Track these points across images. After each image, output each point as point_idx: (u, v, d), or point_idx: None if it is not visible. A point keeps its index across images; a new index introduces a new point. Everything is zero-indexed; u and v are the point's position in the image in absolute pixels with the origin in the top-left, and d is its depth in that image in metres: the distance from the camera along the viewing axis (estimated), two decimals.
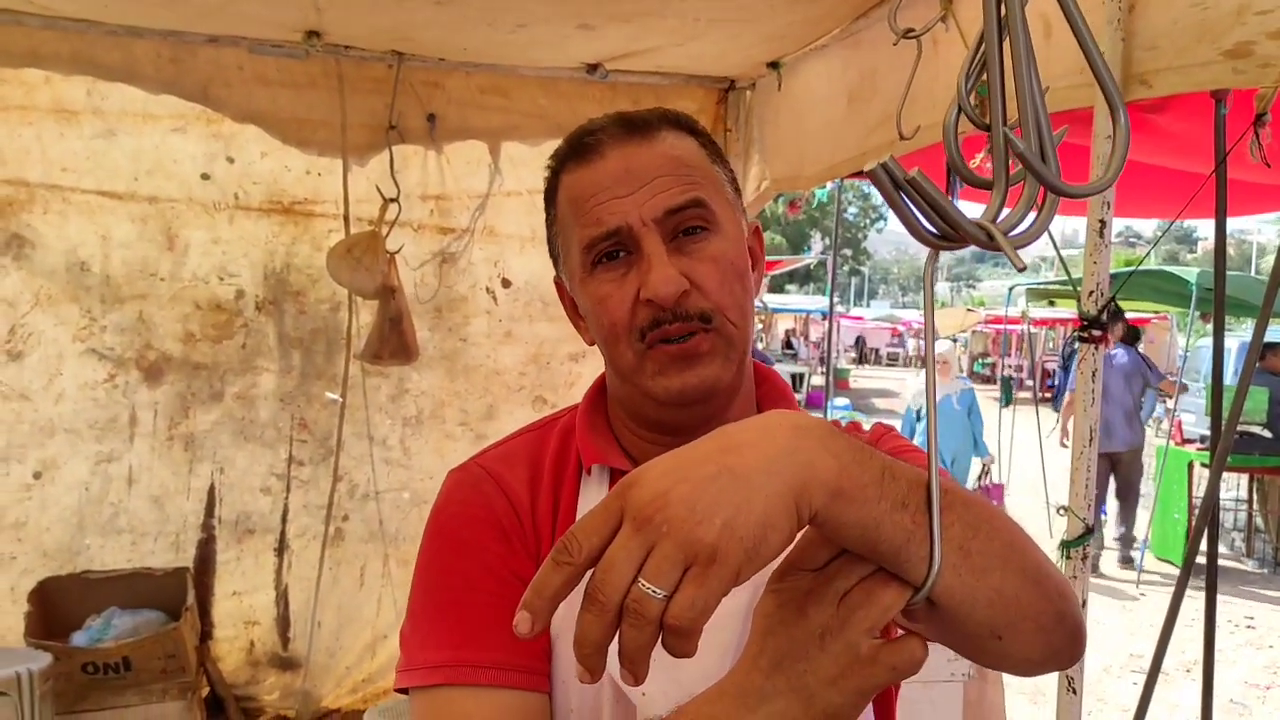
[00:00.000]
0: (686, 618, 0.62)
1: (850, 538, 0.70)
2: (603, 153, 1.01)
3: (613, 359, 1.02)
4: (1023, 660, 0.82)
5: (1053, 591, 0.81)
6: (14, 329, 3.30)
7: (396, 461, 3.79)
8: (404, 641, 0.99)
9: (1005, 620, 0.77)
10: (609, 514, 0.66)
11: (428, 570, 1.01)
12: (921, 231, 0.67)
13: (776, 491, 0.66)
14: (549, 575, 0.65)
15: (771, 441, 0.69)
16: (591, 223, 0.99)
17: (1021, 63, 0.67)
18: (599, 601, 0.63)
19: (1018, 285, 14.28)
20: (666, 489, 0.65)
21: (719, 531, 0.63)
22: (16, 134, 3.21)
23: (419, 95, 3.50)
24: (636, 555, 0.63)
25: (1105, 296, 2.00)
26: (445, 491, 1.06)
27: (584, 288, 1.02)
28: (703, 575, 0.62)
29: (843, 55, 3.09)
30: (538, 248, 3.75)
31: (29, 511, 3.38)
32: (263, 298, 3.57)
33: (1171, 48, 1.78)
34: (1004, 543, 0.77)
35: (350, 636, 3.79)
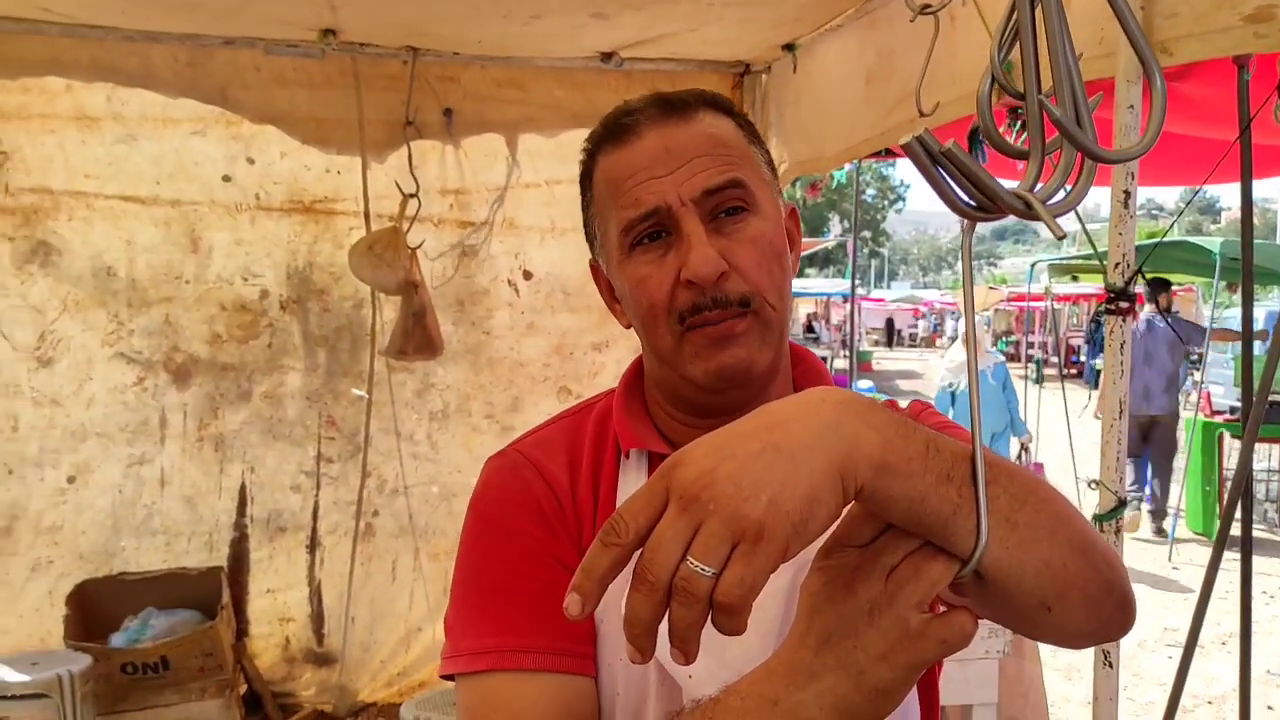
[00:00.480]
0: (736, 594, 0.62)
1: (896, 512, 0.70)
2: (640, 133, 1.00)
3: (651, 341, 1.02)
4: (1074, 632, 0.82)
5: (1100, 561, 0.81)
6: (43, 335, 3.33)
7: (424, 456, 3.81)
8: (448, 629, 1.00)
9: (1054, 591, 0.76)
10: (655, 494, 0.66)
11: (470, 557, 1.01)
12: (958, 204, 0.67)
13: (821, 467, 0.66)
14: (597, 557, 0.65)
15: (815, 417, 0.69)
16: (630, 204, 0.99)
17: (1055, 30, 0.66)
18: (648, 581, 0.63)
19: (1040, 261, 14.18)
20: (712, 467, 0.65)
21: (765, 508, 0.63)
22: (39, 142, 3.24)
23: (435, 90, 3.51)
24: (684, 534, 0.63)
25: (1131, 268, 1.98)
26: (485, 478, 1.06)
27: (622, 270, 1.02)
28: (751, 552, 0.62)
29: (858, 35, 3.08)
30: (557, 238, 3.75)
31: (64, 515, 3.42)
32: (287, 297, 3.59)
33: (1191, 14, 1.76)
34: (1050, 514, 0.77)
35: (384, 631, 3.82)
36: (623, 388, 1.11)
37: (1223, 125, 2.79)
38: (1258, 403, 2.01)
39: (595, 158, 1.06)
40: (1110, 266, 2.01)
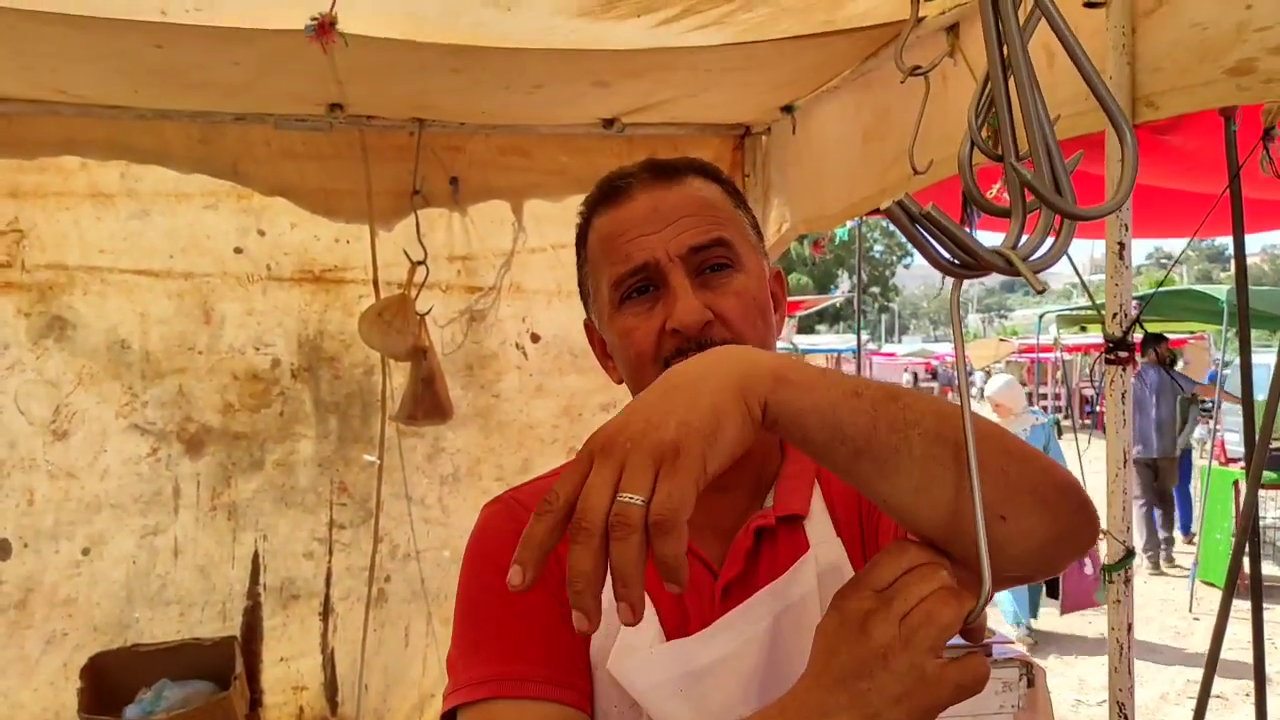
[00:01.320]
0: (668, 509, 0.64)
1: (813, 428, 0.73)
2: (632, 195, 1.06)
3: (637, 390, 1.05)
4: (1040, 540, 0.82)
5: (1044, 465, 0.83)
6: (58, 409, 3.37)
7: (435, 520, 3.82)
8: (450, 666, 1.03)
9: (1000, 496, 0.77)
10: (579, 462, 0.70)
11: (469, 595, 1.04)
12: (942, 263, 0.71)
13: (720, 386, 0.71)
14: (533, 526, 0.68)
15: (708, 357, 0.76)
16: (620, 259, 1.04)
17: (1027, 97, 0.70)
18: (583, 529, 0.66)
19: (1048, 313, 14.20)
20: (624, 419, 0.71)
21: (676, 428, 0.67)
22: (55, 219, 3.31)
23: (441, 159, 3.58)
24: (610, 478, 0.67)
25: (1129, 318, 2.01)
26: (481, 521, 1.10)
27: (612, 323, 1.07)
28: (672, 469, 0.66)
29: (855, 96, 3.14)
30: (564, 301, 3.79)
31: (79, 587, 3.44)
32: (298, 365, 3.63)
33: (1174, 68, 1.81)
34: (978, 431, 0.78)
35: (397, 698, 3.80)
36: None
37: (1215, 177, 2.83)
38: (1259, 448, 2.02)
39: (590, 220, 1.12)
40: (1108, 317, 2.03)
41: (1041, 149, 0.67)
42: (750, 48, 2.77)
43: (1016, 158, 0.70)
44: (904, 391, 0.78)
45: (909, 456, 0.75)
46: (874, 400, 0.75)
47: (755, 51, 2.80)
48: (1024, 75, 0.67)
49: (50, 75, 2.90)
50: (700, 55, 2.82)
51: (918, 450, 0.75)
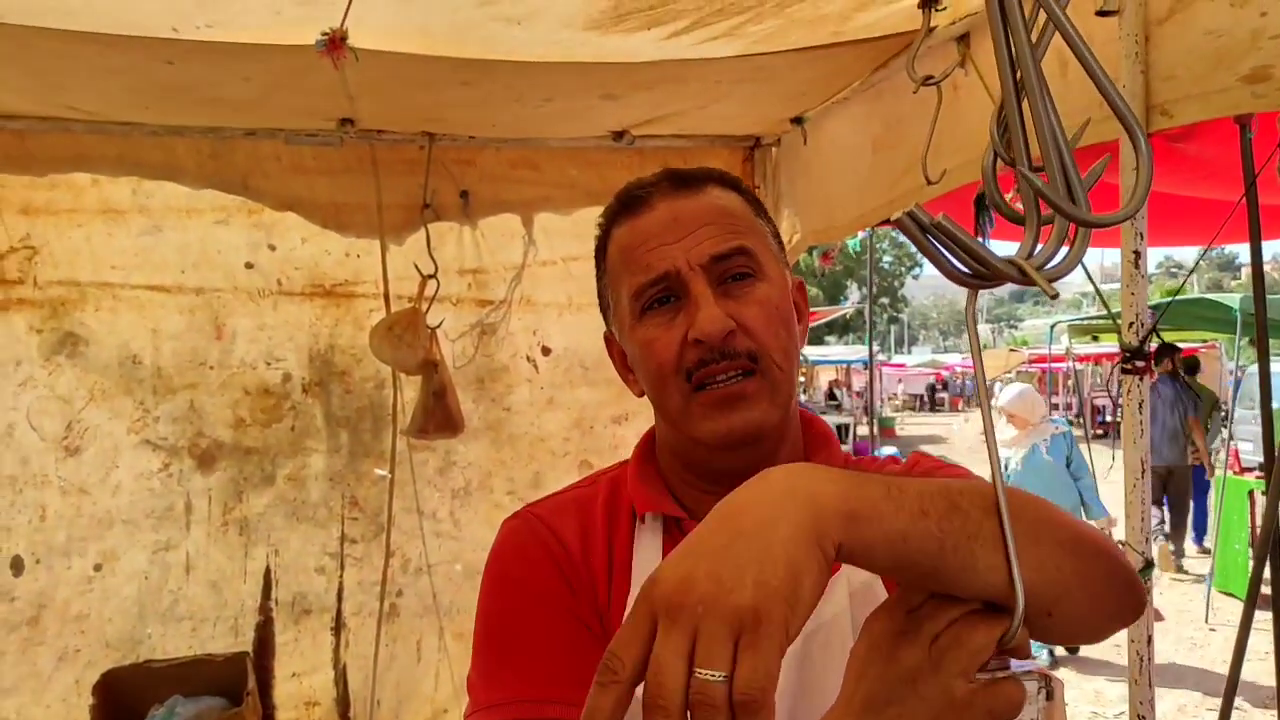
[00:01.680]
0: (756, 688, 0.60)
1: (882, 559, 0.70)
2: (652, 205, 1.05)
3: (660, 403, 1.04)
4: (1082, 630, 0.81)
5: (1092, 552, 0.80)
6: (70, 425, 3.38)
7: (447, 534, 3.81)
8: (470, 686, 1.01)
9: (1052, 596, 0.76)
10: (640, 620, 0.65)
11: (490, 614, 1.03)
12: (955, 273, 0.69)
13: (791, 535, 0.65)
14: (597, 699, 0.63)
15: (769, 492, 0.69)
16: (641, 269, 1.03)
17: (1038, 105, 0.69)
18: (660, 707, 0.61)
19: (1060, 322, 14.16)
20: (687, 572, 0.64)
21: (753, 592, 0.62)
22: (67, 236, 3.31)
23: (451, 173, 3.58)
24: (682, 648, 0.61)
25: (1146, 327, 1.99)
26: (502, 538, 1.09)
27: (632, 335, 1.05)
28: (755, 641, 0.61)
29: (865, 106, 3.13)
30: (575, 314, 3.79)
31: (91, 604, 3.43)
32: (309, 380, 3.63)
33: (1189, 76, 1.80)
34: (1031, 520, 0.77)
35: (410, 713, 3.78)
36: (637, 455, 1.13)
37: (1230, 185, 2.82)
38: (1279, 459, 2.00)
39: (609, 231, 1.11)
40: (1124, 326, 2.02)
41: (1054, 157, 0.66)
42: (760, 59, 2.76)
43: (1031, 166, 0.69)
44: (961, 496, 0.73)
45: (974, 571, 0.71)
46: (939, 518, 0.70)
47: (765, 63, 2.80)
48: (1034, 83, 0.67)
49: (61, 92, 2.92)
50: (710, 67, 2.81)
51: (982, 564, 0.71)
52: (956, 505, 0.72)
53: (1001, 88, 0.69)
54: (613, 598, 1.01)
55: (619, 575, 1.02)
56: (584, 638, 0.98)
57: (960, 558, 0.71)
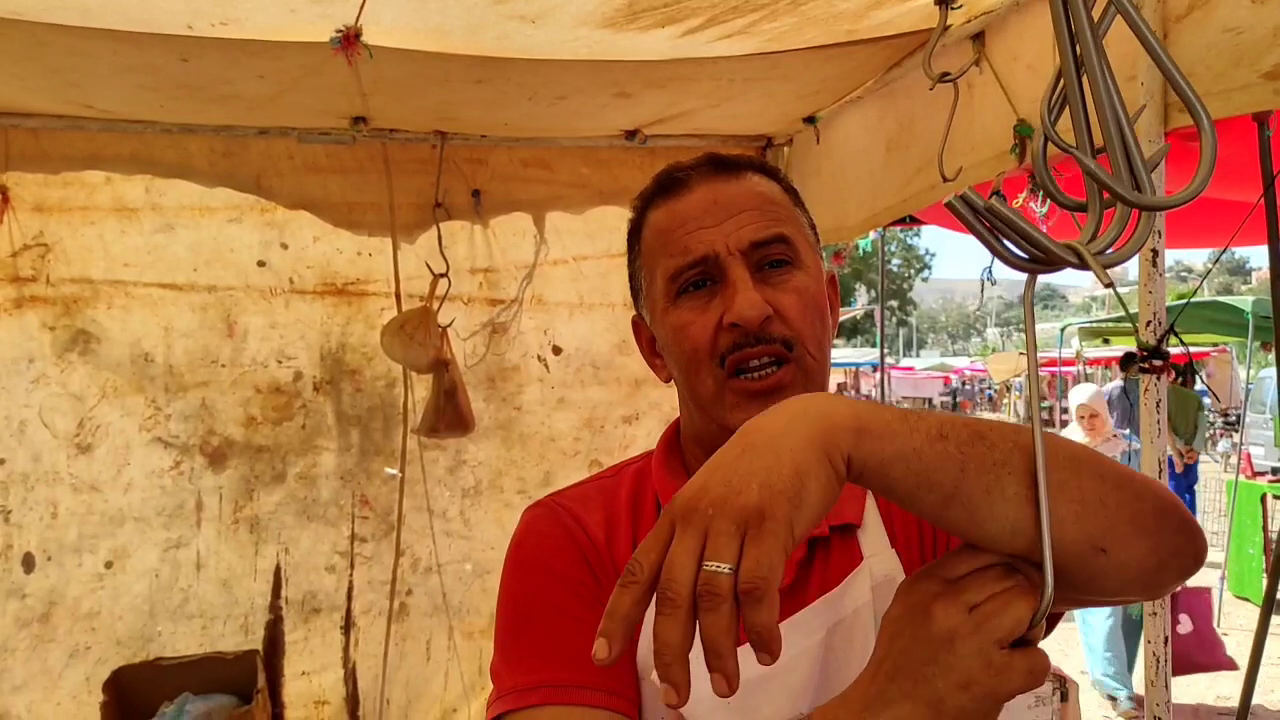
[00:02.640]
0: (758, 577, 0.62)
1: (899, 478, 0.71)
2: (690, 187, 1.04)
3: (691, 387, 1.03)
4: (1141, 569, 0.79)
5: (1141, 489, 0.79)
6: (82, 422, 3.38)
7: (457, 533, 3.81)
8: (495, 673, 0.99)
9: (1099, 528, 0.75)
10: (660, 529, 0.68)
11: (513, 599, 1.01)
12: (1010, 258, 0.68)
13: (800, 444, 0.68)
14: (618, 597, 0.66)
15: (783, 412, 0.73)
16: (678, 252, 1.01)
17: (1100, 89, 0.67)
18: (669, 599, 0.63)
19: (1070, 325, 14.12)
20: (703, 482, 0.68)
21: (759, 492, 0.65)
22: (80, 234, 3.32)
23: (463, 172, 3.59)
24: (694, 547, 0.65)
25: (1163, 326, 1.98)
26: (525, 525, 1.07)
27: (665, 317, 1.03)
28: (759, 534, 0.64)
29: (879, 105, 3.13)
30: (586, 314, 3.79)
31: (101, 601, 3.44)
32: (320, 378, 3.63)
33: (1208, 73, 1.79)
34: (1068, 455, 0.76)
35: (419, 713, 3.78)
36: (662, 447, 1.12)
37: (1245, 185, 2.80)
38: None
39: (645, 213, 1.09)
40: (1141, 325, 2.00)
41: (1117, 139, 0.65)
42: (774, 57, 2.76)
43: (1092, 152, 0.67)
44: (989, 428, 0.75)
45: (1001, 498, 0.71)
46: (960, 442, 0.72)
47: (779, 61, 2.79)
48: (1096, 61, 0.65)
49: (76, 90, 2.92)
50: (723, 65, 2.81)
51: (1010, 491, 0.72)
52: (982, 435, 0.73)
53: (1061, 67, 0.68)
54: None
55: None
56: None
57: (984, 481, 0.71)
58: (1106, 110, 0.65)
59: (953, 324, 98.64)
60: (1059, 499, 0.73)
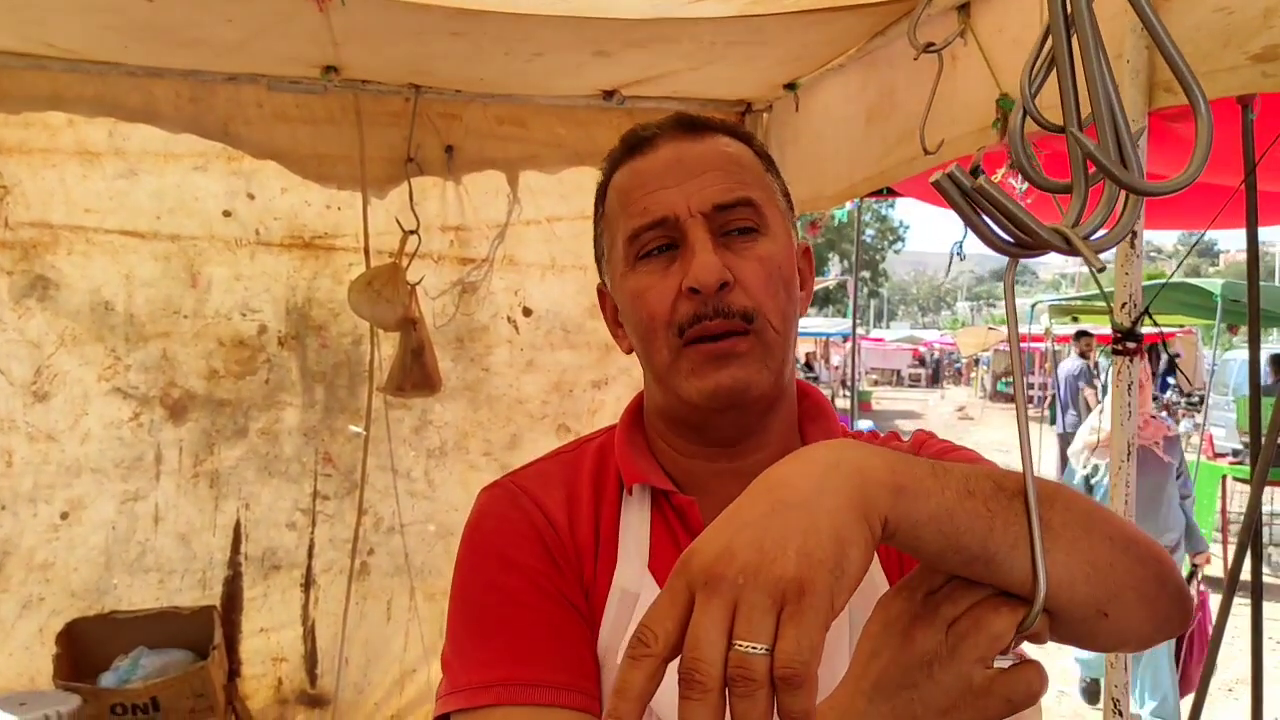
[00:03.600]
0: (798, 661, 0.56)
1: (930, 538, 0.66)
2: (655, 145, 0.99)
3: (648, 356, 0.99)
4: (1134, 636, 0.79)
5: (1145, 555, 0.77)
6: (39, 370, 3.31)
7: (421, 494, 3.77)
8: (446, 665, 0.95)
9: (1106, 593, 0.73)
10: (675, 592, 0.61)
11: (468, 589, 0.96)
12: (996, 241, 0.65)
13: (838, 506, 0.63)
14: (629, 673, 0.60)
15: (814, 464, 0.67)
16: (637, 213, 0.97)
17: (1092, 59, 0.64)
18: (698, 683, 0.57)
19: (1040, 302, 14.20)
20: (727, 542, 0.61)
21: (797, 561, 0.59)
22: (40, 176, 3.23)
23: (436, 127, 3.51)
24: (722, 620, 0.58)
25: (1138, 308, 1.97)
26: (480, 508, 1.02)
27: (624, 283, 0.99)
28: (798, 612, 0.58)
29: (860, 74, 3.08)
30: (558, 276, 3.74)
31: (56, 552, 3.38)
32: (285, 333, 3.57)
33: (1196, 52, 1.76)
34: (1082, 512, 0.74)
35: (378, 672, 3.76)
36: (624, 423, 1.08)
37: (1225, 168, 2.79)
38: (1267, 445, 1.98)
39: (610, 174, 1.04)
40: (1117, 306, 1.99)
41: (1107, 117, 0.62)
42: (756, 21, 2.71)
43: (1079, 127, 0.64)
44: (1007, 478, 0.71)
45: (1025, 555, 0.68)
46: (985, 497, 0.68)
47: (761, 25, 2.75)
48: (1089, 34, 0.62)
49: (38, 28, 2.83)
50: (705, 27, 2.76)
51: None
52: (1002, 487, 0.70)
53: (1052, 37, 0.64)
54: (599, 572, 0.96)
55: (605, 550, 0.97)
56: (569, 617, 0.93)
57: (1010, 538, 0.68)
58: (1097, 83, 0.62)
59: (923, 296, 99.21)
60: (1072, 558, 0.71)
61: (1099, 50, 0.62)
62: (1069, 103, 0.64)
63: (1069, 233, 0.61)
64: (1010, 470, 0.74)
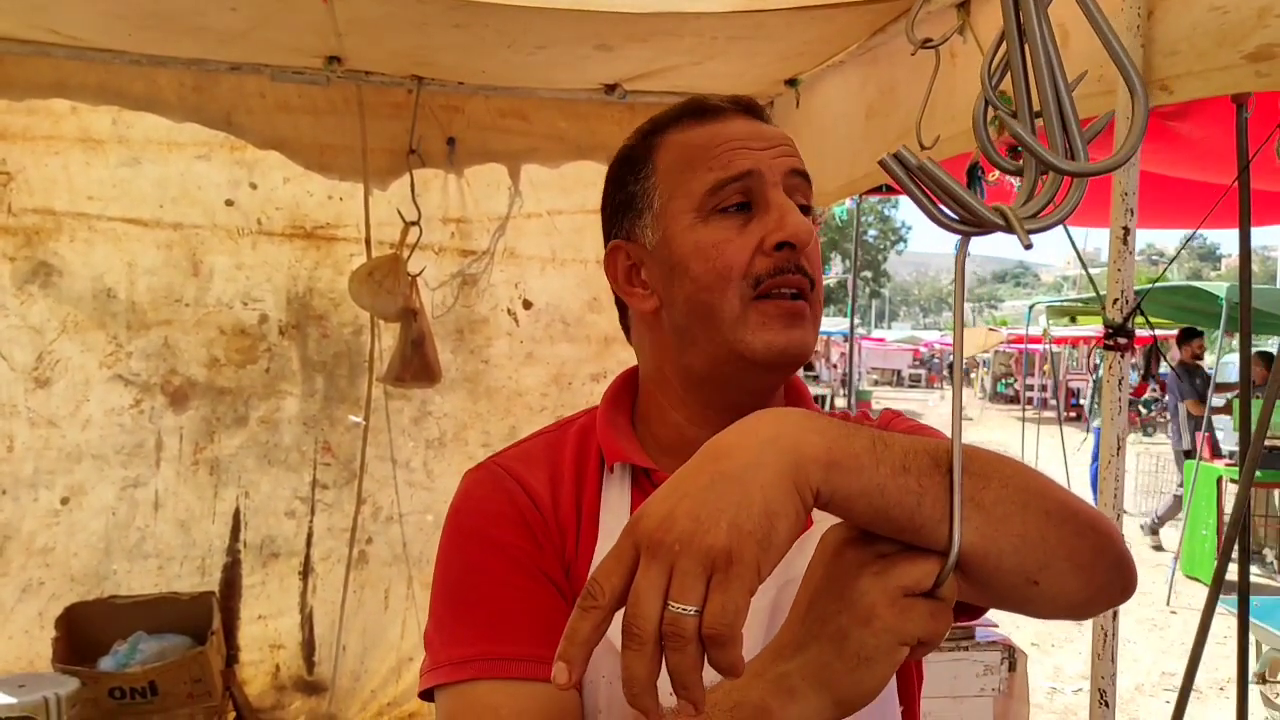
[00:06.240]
0: (722, 624, 0.63)
1: (860, 510, 0.71)
2: (726, 116, 1.01)
3: (710, 308, 0.97)
4: (1069, 602, 0.81)
5: (1085, 527, 0.80)
6: (41, 356, 3.33)
7: (419, 484, 3.80)
8: (428, 643, 0.97)
9: (1036, 563, 0.76)
10: (623, 551, 0.67)
11: (450, 567, 0.99)
12: (940, 218, 0.68)
13: (771, 480, 0.68)
14: (578, 622, 0.66)
15: (754, 436, 0.71)
16: (720, 165, 0.97)
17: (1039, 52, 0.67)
18: (636, 636, 0.64)
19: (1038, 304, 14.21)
20: (669, 509, 0.67)
21: (727, 533, 0.64)
22: (44, 163, 3.25)
23: (439, 119, 3.53)
24: (659, 582, 0.65)
25: (1130, 305, 1.99)
26: (464, 490, 1.04)
27: (689, 234, 0.98)
28: (725, 579, 0.64)
29: (860, 71, 3.10)
30: (558, 269, 3.76)
31: (57, 537, 3.40)
32: (286, 322, 3.59)
33: (1192, 52, 1.78)
34: (1019, 488, 0.77)
35: (375, 660, 3.78)
36: (606, 404, 1.09)
37: (1222, 167, 2.81)
38: (1254, 445, 2.00)
39: (663, 134, 1.04)
40: (1109, 303, 2.01)
41: (1053, 105, 0.64)
42: (758, 16, 2.72)
43: (1032, 116, 0.67)
44: (948, 455, 0.74)
45: (947, 530, 0.72)
46: (920, 473, 0.72)
47: (763, 21, 2.76)
48: (1036, 25, 0.64)
49: (42, 14, 2.84)
50: (706, 21, 2.77)
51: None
52: (938, 463, 0.73)
53: (1005, 28, 0.67)
54: (580, 549, 0.98)
55: (586, 526, 0.99)
56: (548, 593, 0.95)
57: (937, 512, 0.72)
58: (1044, 74, 0.65)
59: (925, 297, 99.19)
60: (1000, 531, 0.74)
61: (1048, 48, 0.64)
62: (1019, 90, 0.67)
63: (1009, 212, 0.65)
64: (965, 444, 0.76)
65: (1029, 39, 0.68)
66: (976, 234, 0.68)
